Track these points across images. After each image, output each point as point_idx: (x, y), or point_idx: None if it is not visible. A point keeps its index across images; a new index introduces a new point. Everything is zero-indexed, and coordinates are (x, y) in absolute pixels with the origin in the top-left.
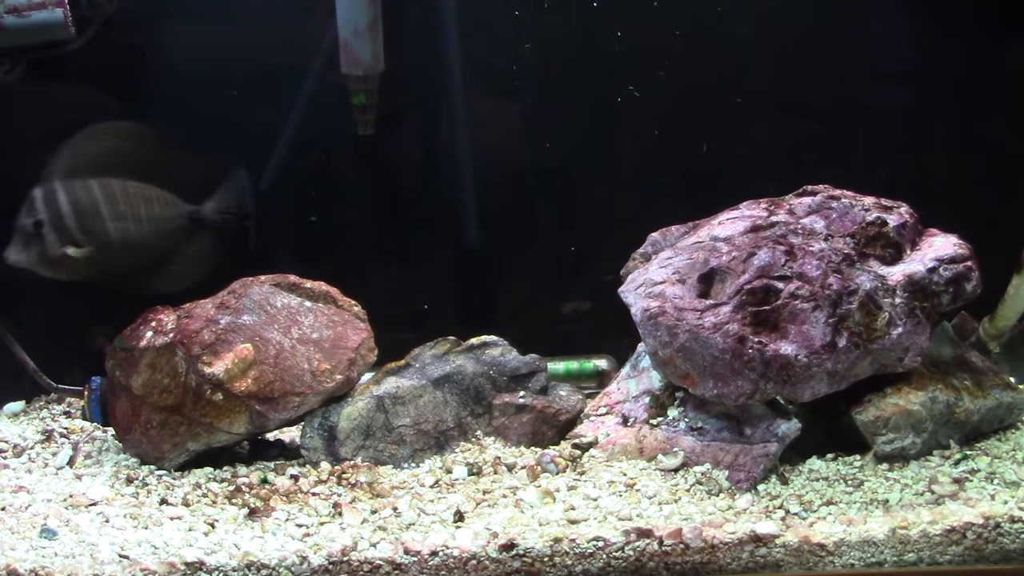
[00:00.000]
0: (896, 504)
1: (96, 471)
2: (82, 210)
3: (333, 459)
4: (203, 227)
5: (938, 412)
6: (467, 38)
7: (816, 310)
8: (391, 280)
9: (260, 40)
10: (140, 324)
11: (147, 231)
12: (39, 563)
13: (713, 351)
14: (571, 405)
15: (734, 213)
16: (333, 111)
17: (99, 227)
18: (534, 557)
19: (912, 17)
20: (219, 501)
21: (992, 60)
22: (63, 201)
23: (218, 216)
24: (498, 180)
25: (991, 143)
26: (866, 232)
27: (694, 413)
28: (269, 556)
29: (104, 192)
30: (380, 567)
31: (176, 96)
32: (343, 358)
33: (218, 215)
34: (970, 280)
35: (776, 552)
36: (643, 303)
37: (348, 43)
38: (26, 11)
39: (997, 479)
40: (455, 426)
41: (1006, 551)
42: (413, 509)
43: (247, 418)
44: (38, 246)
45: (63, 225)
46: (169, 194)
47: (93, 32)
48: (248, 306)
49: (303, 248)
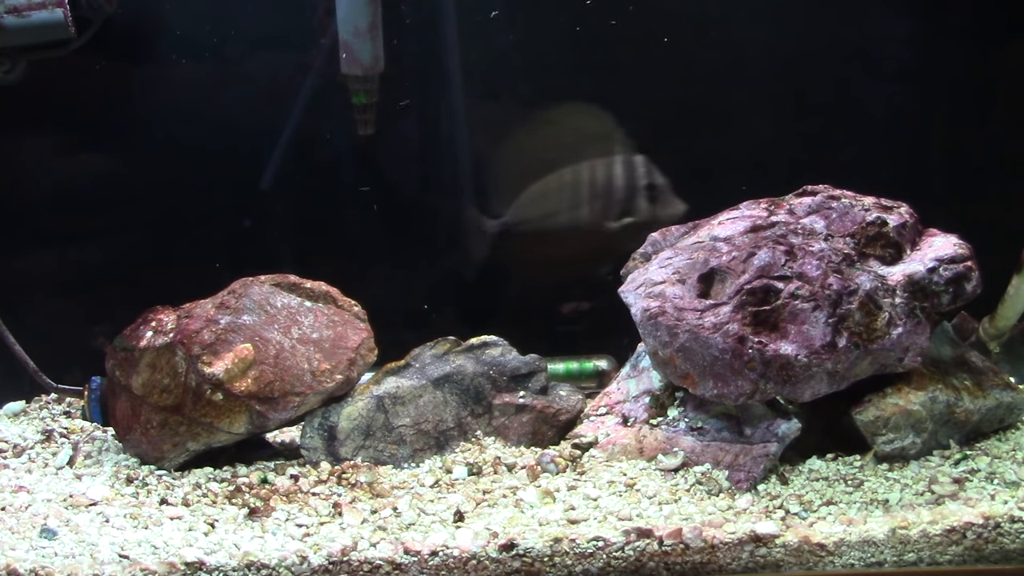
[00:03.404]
0: (896, 504)
1: (96, 471)
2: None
3: (333, 459)
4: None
5: (938, 412)
6: (465, 39)
7: (816, 310)
8: (391, 280)
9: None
10: (140, 324)
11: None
12: (39, 563)
13: (713, 351)
14: (571, 405)
15: (734, 213)
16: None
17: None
18: (534, 557)
19: (912, 17)
20: (219, 501)
21: (992, 60)
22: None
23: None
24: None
25: (991, 143)
26: (866, 232)
27: (694, 413)
28: (269, 556)
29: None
30: (380, 567)
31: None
32: (343, 358)
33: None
34: (970, 280)
35: (776, 552)
36: (643, 303)
37: (348, 43)
38: (26, 11)
39: (997, 479)
40: (455, 426)
41: (1006, 551)
42: (413, 509)
43: (247, 418)
44: (652, 206)
45: (662, 192)
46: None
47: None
48: (248, 306)
49: (303, 248)
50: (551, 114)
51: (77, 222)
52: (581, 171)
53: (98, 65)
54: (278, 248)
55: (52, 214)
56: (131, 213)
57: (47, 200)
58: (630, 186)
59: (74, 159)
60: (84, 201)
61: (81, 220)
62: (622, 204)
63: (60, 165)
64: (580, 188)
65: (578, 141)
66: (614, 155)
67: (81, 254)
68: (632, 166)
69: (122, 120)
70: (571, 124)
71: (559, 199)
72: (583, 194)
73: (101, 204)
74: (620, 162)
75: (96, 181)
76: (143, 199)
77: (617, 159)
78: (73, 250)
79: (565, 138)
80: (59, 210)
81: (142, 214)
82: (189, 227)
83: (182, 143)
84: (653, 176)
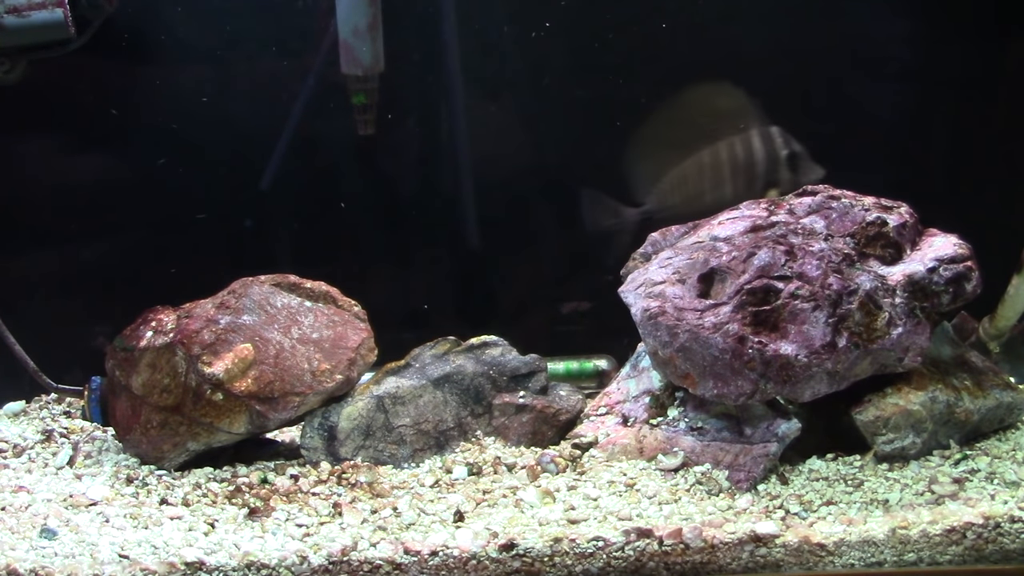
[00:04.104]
0: (896, 504)
1: (96, 471)
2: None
3: (333, 459)
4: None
5: (938, 412)
6: (463, 40)
7: (816, 310)
8: (391, 280)
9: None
10: (140, 324)
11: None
12: (39, 563)
13: (713, 351)
14: (571, 405)
15: (734, 213)
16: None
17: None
18: (534, 557)
19: (912, 16)
20: (219, 501)
21: (992, 59)
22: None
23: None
24: (498, 180)
25: (991, 143)
26: (866, 232)
27: (694, 413)
28: (269, 556)
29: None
30: (380, 567)
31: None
32: (343, 358)
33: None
34: (970, 280)
35: (776, 552)
36: (643, 303)
37: (348, 43)
38: (26, 11)
39: (997, 479)
40: (455, 426)
41: (1006, 551)
42: (413, 509)
43: (247, 418)
44: (794, 174)
45: (802, 159)
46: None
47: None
48: (248, 306)
49: (303, 247)
50: (683, 97)
51: (77, 222)
52: (720, 150)
53: (98, 64)
54: (278, 248)
55: (52, 214)
56: (131, 213)
57: (47, 200)
58: (770, 158)
59: (74, 159)
60: (84, 201)
61: (81, 220)
62: (765, 177)
63: (60, 165)
64: (721, 167)
65: (712, 120)
66: (750, 130)
67: (81, 254)
68: (769, 137)
69: (122, 120)
70: (704, 104)
71: (701, 181)
72: (725, 173)
73: (101, 204)
74: (757, 135)
75: (96, 181)
76: (143, 199)
77: (753, 133)
78: (73, 250)
79: (699, 119)
80: (59, 210)
81: (142, 214)
82: (189, 227)
83: (182, 143)
84: (791, 144)
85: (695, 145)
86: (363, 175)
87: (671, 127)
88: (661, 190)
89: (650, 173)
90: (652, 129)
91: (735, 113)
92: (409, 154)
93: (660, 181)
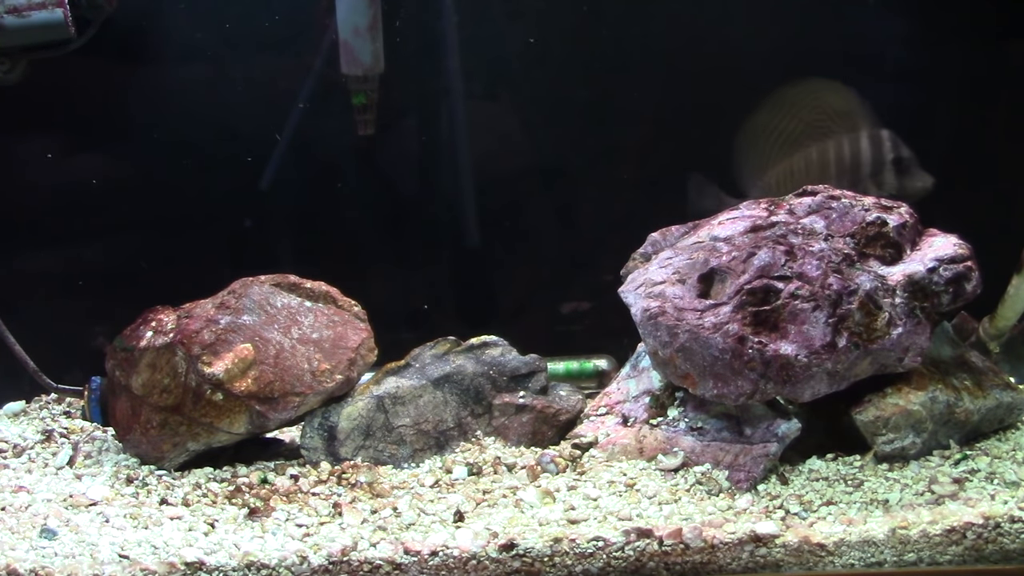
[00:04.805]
0: (896, 504)
1: (96, 471)
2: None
3: (333, 459)
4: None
5: (938, 412)
6: (463, 38)
7: (816, 310)
8: (391, 280)
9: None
10: (140, 324)
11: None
12: (39, 563)
13: (713, 351)
14: (571, 405)
15: (734, 213)
16: (334, 111)
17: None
18: (534, 557)
19: (912, 16)
20: (219, 501)
21: (992, 59)
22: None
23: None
24: (498, 180)
25: (991, 142)
26: (866, 232)
27: (694, 413)
28: (269, 556)
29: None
30: (380, 567)
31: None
32: (343, 358)
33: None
34: (970, 280)
35: (776, 552)
36: (643, 303)
37: (348, 43)
38: (26, 11)
39: (997, 479)
40: (455, 426)
41: (1006, 551)
42: (413, 509)
43: (247, 418)
44: (900, 180)
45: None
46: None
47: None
48: (248, 306)
49: (303, 247)
50: (793, 92)
51: (77, 222)
52: (827, 148)
53: (98, 65)
54: (278, 248)
55: (52, 214)
56: (131, 213)
57: (47, 200)
58: (877, 161)
59: (74, 159)
60: (84, 201)
61: (81, 220)
62: (870, 179)
63: (60, 165)
64: (827, 165)
65: (822, 118)
66: (859, 130)
67: (81, 254)
68: (878, 140)
69: (122, 120)
70: (814, 101)
71: (806, 177)
72: (830, 171)
73: (101, 204)
74: (866, 137)
75: (96, 181)
76: (143, 199)
77: (863, 134)
78: (73, 250)
79: (809, 115)
80: (59, 210)
81: (142, 214)
82: (189, 227)
83: (182, 143)
84: (900, 150)
85: (804, 140)
86: (363, 175)
87: (780, 120)
88: (766, 183)
89: (755, 164)
90: (760, 120)
91: (845, 112)
92: (409, 154)
93: (766, 173)
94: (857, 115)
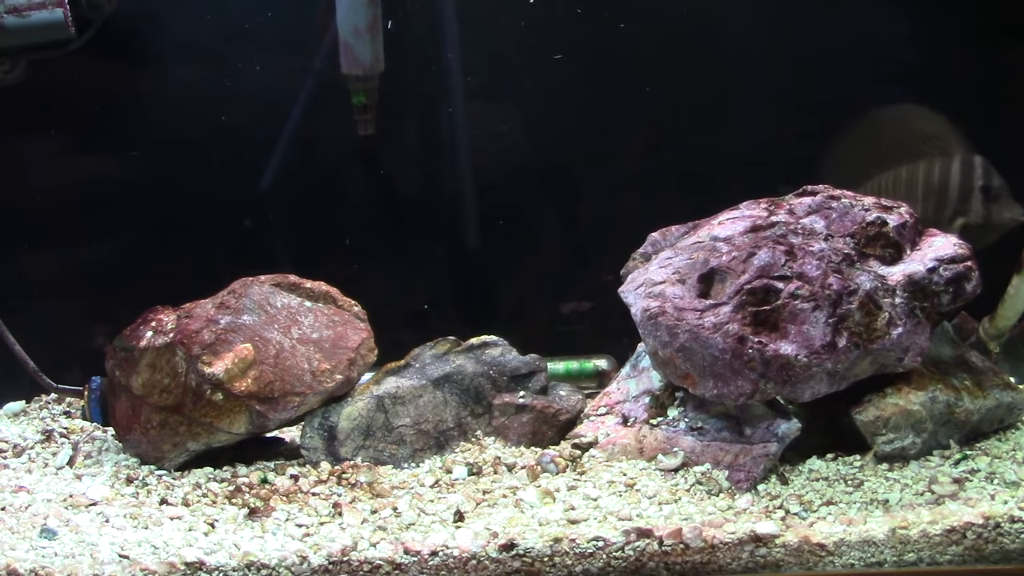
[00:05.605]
0: (896, 504)
1: (96, 471)
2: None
3: (333, 459)
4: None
5: (938, 412)
6: (464, 36)
7: (816, 310)
8: (391, 280)
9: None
10: (140, 324)
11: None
12: (39, 563)
13: (713, 351)
14: (571, 405)
15: (734, 213)
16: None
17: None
18: (534, 557)
19: (912, 17)
20: (219, 501)
21: (992, 59)
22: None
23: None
24: (498, 180)
25: (991, 143)
26: (866, 232)
27: (694, 413)
28: (269, 556)
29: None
30: (380, 567)
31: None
32: (343, 358)
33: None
34: (970, 280)
35: (776, 552)
36: (643, 303)
37: (348, 43)
38: (26, 11)
39: (997, 479)
40: (455, 426)
41: (1006, 551)
42: (413, 509)
43: (247, 418)
44: (987, 208)
45: (999, 194)
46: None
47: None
48: (248, 306)
49: (303, 248)
50: (885, 115)
51: (77, 222)
52: (916, 170)
53: (98, 65)
54: (278, 248)
55: (52, 214)
56: (131, 213)
57: (47, 200)
58: (965, 186)
59: (74, 159)
60: (84, 201)
61: (81, 220)
62: (956, 204)
63: (60, 165)
64: (914, 187)
65: (912, 140)
66: (951, 155)
67: (81, 254)
68: (969, 166)
69: (122, 120)
70: (905, 124)
71: (893, 196)
72: (917, 193)
73: (101, 204)
74: (957, 162)
75: (96, 181)
76: (143, 199)
77: (955, 159)
78: (73, 250)
79: (899, 137)
80: (59, 210)
81: (142, 214)
82: (189, 227)
83: (182, 143)
84: (991, 178)
85: (895, 160)
86: (363, 175)
87: (871, 142)
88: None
89: (845, 181)
90: (852, 142)
91: (937, 137)
92: (409, 154)
93: (855, 190)
94: (950, 140)
